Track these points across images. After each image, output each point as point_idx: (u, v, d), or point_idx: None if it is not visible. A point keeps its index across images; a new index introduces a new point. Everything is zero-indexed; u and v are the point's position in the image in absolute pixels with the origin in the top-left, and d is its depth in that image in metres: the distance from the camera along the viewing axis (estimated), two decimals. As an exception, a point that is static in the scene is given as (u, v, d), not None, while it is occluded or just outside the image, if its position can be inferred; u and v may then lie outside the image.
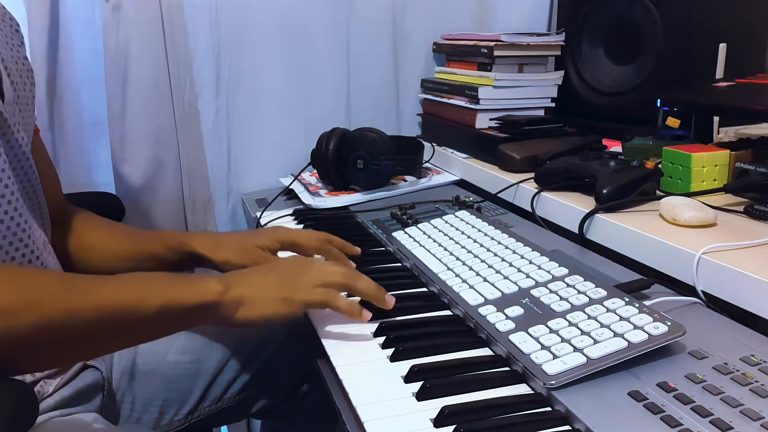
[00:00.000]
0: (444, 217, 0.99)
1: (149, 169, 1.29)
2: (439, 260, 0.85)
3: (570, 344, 0.61)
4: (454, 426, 0.54)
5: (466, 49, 1.40)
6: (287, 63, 1.39)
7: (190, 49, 1.30)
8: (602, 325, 0.63)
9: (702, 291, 0.72)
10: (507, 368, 0.63)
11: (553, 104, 1.39)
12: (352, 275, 0.73)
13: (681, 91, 1.10)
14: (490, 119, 1.31)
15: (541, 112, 1.38)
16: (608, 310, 0.65)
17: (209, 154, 1.36)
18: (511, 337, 0.64)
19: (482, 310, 0.70)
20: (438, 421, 0.55)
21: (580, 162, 0.99)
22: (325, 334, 0.72)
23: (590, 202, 0.92)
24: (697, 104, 1.06)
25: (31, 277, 0.61)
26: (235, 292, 0.67)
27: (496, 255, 0.83)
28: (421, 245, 0.91)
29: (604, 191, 0.90)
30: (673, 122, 1.10)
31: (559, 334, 0.63)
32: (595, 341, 0.61)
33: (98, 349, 0.69)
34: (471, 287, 0.76)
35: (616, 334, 0.61)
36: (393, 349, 0.66)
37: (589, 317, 0.65)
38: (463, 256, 0.85)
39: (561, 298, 0.69)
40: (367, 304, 0.73)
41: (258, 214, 1.19)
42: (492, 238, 0.88)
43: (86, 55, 1.25)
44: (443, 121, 1.44)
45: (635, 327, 0.61)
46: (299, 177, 1.33)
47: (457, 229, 0.94)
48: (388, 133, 1.23)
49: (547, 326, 0.65)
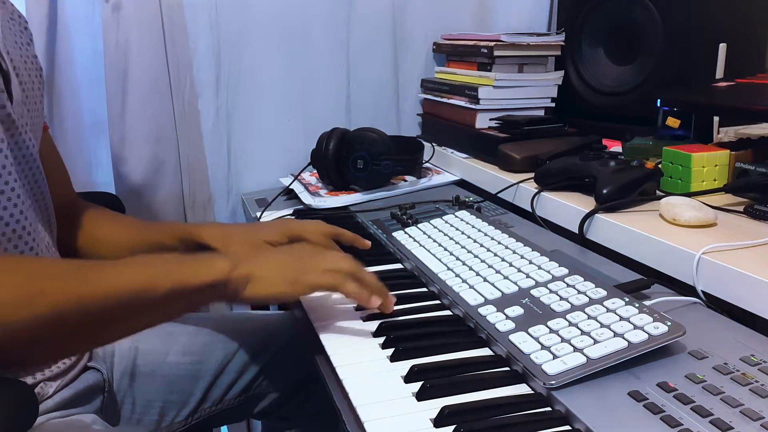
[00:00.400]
0: (444, 217, 0.99)
1: (149, 168, 1.29)
2: (439, 260, 0.85)
3: (570, 344, 0.61)
4: (454, 426, 0.53)
5: (466, 49, 1.40)
6: (287, 63, 1.39)
7: (190, 49, 1.30)
8: (602, 325, 0.63)
9: (702, 291, 0.72)
10: (507, 368, 0.63)
11: (553, 104, 1.39)
12: (357, 268, 0.73)
13: (681, 91, 1.10)
14: (490, 119, 1.31)
15: (541, 112, 1.38)
16: (608, 310, 0.65)
17: (209, 154, 1.36)
18: (511, 337, 0.64)
19: (482, 310, 0.70)
20: (438, 421, 0.55)
21: (580, 162, 0.99)
22: (325, 334, 0.72)
23: (590, 202, 0.92)
24: (697, 104, 1.06)
25: (41, 266, 0.61)
26: (243, 270, 0.67)
27: (496, 255, 0.83)
28: (421, 245, 0.91)
29: (604, 191, 0.90)
30: (673, 122, 1.10)
31: (559, 334, 0.63)
32: (595, 341, 0.61)
33: (109, 335, 0.69)
34: (471, 287, 0.76)
35: (616, 334, 0.61)
36: (393, 349, 0.66)
37: (589, 317, 0.65)
38: (463, 256, 0.85)
39: (561, 298, 0.69)
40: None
41: (258, 214, 1.19)
42: (492, 238, 0.88)
43: (86, 55, 1.25)
44: (443, 121, 1.44)
45: (635, 327, 0.61)
46: (299, 177, 1.33)
47: (457, 229, 0.94)
48: (388, 133, 1.23)
49: (547, 326, 0.64)
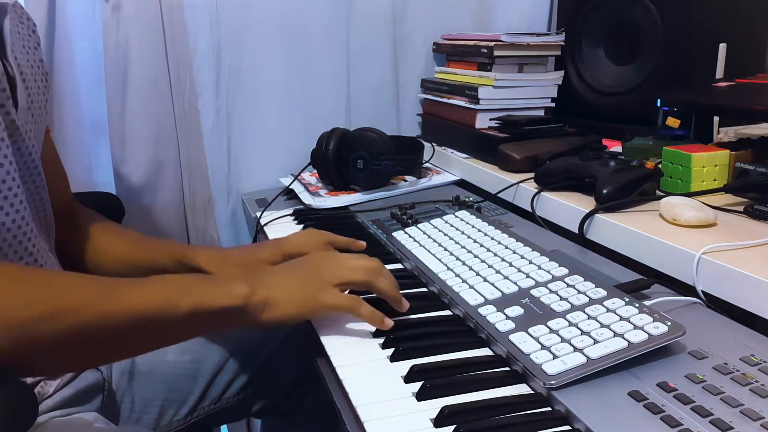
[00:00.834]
0: (444, 217, 0.99)
1: (149, 169, 1.29)
2: (439, 260, 0.85)
3: (570, 344, 0.61)
4: (454, 426, 0.54)
5: (466, 49, 1.40)
6: (287, 63, 1.39)
7: (190, 49, 1.30)
8: (602, 325, 0.63)
9: (702, 291, 0.72)
10: (507, 368, 0.63)
11: (553, 104, 1.39)
12: (374, 273, 0.73)
13: (681, 91, 1.10)
14: (490, 119, 1.31)
15: (541, 112, 1.38)
16: (608, 310, 0.65)
17: (209, 154, 1.36)
18: (511, 337, 0.64)
19: (482, 310, 0.70)
20: (438, 421, 0.55)
21: (580, 162, 0.99)
22: (325, 334, 0.72)
23: (590, 202, 0.92)
24: (697, 104, 1.06)
25: (67, 282, 0.61)
26: (261, 295, 0.67)
27: (496, 255, 0.83)
28: (421, 245, 0.91)
29: (604, 191, 0.90)
30: (673, 122, 1.10)
31: (559, 334, 0.63)
32: (595, 341, 0.61)
33: (127, 352, 0.69)
34: (471, 287, 0.76)
35: (616, 334, 0.61)
36: (393, 349, 0.66)
37: (589, 317, 0.65)
38: (463, 256, 0.85)
39: (561, 298, 0.69)
40: (381, 302, 0.73)
41: (258, 214, 1.19)
42: (492, 238, 0.88)
43: (86, 55, 1.25)
44: (443, 121, 1.44)
45: (635, 327, 0.61)
46: (299, 177, 1.33)
47: (457, 229, 0.94)
48: (388, 133, 1.23)
49: (547, 326, 0.65)
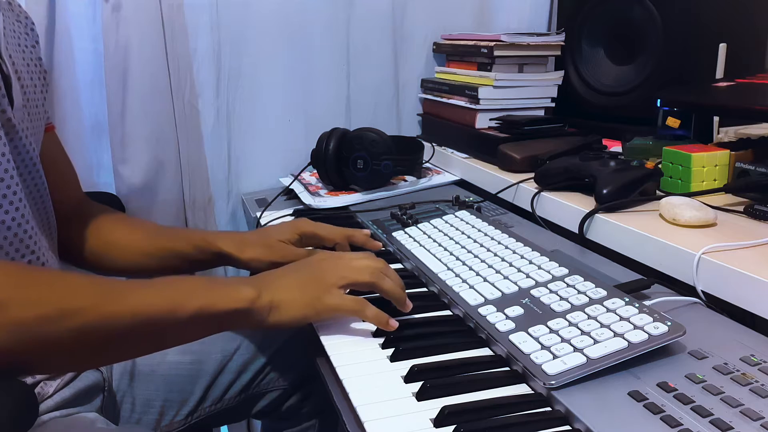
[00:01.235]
0: (444, 217, 0.99)
1: (149, 169, 1.29)
2: (439, 260, 0.85)
3: (570, 344, 0.61)
4: (454, 426, 0.54)
5: (466, 49, 1.40)
6: (287, 63, 1.39)
7: (190, 50, 1.30)
8: (602, 325, 0.63)
9: (702, 291, 0.72)
10: (507, 368, 0.63)
11: (553, 104, 1.39)
12: (379, 273, 0.73)
13: (681, 91, 1.10)
14: (490, 119, 1.31)
15: (541, 112, 1.38)
16: (608, 310, 0.65)
17: (209, 154, 1.36)
18: (511, 337, 0.64)
19: (482, 310, 0.70)
20: (438, 421, 0.55)
21: (580, 162, 0.99)
22: (325, 334, 0.72)
23: (590, 202, 0.92)
24: (697, 104, 1.06)
25: (72, 282, 0.61)
26: (267, 298, 0.68)
27: (496, 255, 0.83)
28: (421, 245, 0.91)
29: (604, 191, 0.90)
30: (673, 122, 1.10)
31: (559, 334, 0.63)
32: (595, 341, 0.61)
33: (131, 353, 0.69)
34: (471, 287, 0.76)
35: (616, 334, 0.61)
36: (393, 349, 0.66)
37: (589, 317, 0.65)
38: (463, 256, 0.85)
39: (561, 298, 0.69)
40: (383, 301, 0.73)
41: (258, 214, 1.19)
42: (492, 238, 0.88)
43: (86, 56, 1.25)
44: (443, 121, 1.44)
45: (635, 327, 0.61)
46: (299, 177, 1.33)
47: (457, 229, 0.94)
48: (388, 133, 1.23)
49: (547, 326, 0.65)
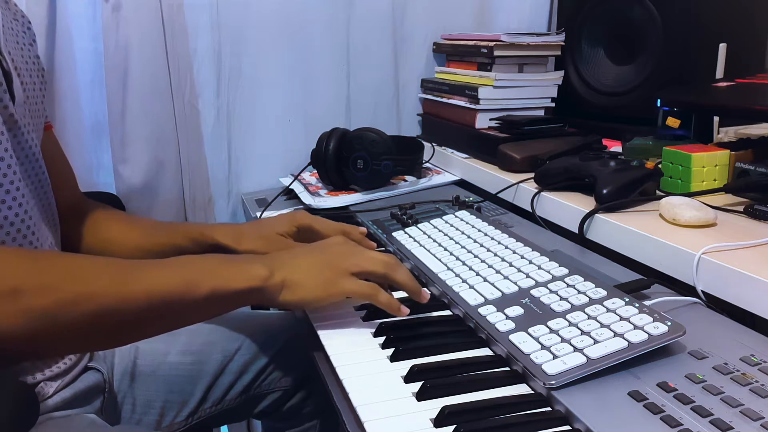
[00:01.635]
0: (444, 217, 0.99)
1: (149, 169, 1.29)
2: (439, 260, 0.85)
3: (570, 344, 0.61)
4: (454, 426, 0.53)
5: (466, 49, 1.40)
6: (287, 63, 1.39)
7: (190, 50, 1.30)
8: (602, 325, 0.63)
9: (702, 291, 0.72)
10: (507, 368, 0.63)
11: (553, 104, 1.39)
12: (393, 265, 0.73)
13: (681, 91, 1.10)
14: (490, 119, 1.31)
15: (541, 112, 1.38)
16: (608, 310, 0.65)
17: (209, 154, 1.36)
18: (511, 337, 0.64)
19: (482, 310, 0.70)
20: (438, 421, 0.55)
21: (580, 162, 0.99)
22: (325, 334, 0.72)
23: (590, 202, 0.92)
24: (697, 104, 1.06)
25: (86, 265, 0.61)
26: (279, 277, 0.68)
27: (496, 255, 0.83)
28: (421, 245, 0.91)
29: (604, 191, 0.90)
30: (673, 122, 1.10)
31: (559, 334, 0.63)
32: (595, 341, 0.61)
33: (144, 334, 0.69)
34: (471, 287, 0.76)
35: (616, 334, 0.61)
36: (393, 349, 0.66)
37: (589, 317, 0.65)
38: (463, 256, 0.85)
39: (561, 298, 0.69)
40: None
41: (258, 214, 1.19)
42: (492, 238, 0.88)
43: (86, 56, 1.25)
44: (443, 121, 1.44)
45: (635, 327, 0.61)
46: (299, 177, 1.33)
47: (457, 229, 0.94)
48: (388, 133, 1.23)
49: (547, 326, 0.65)
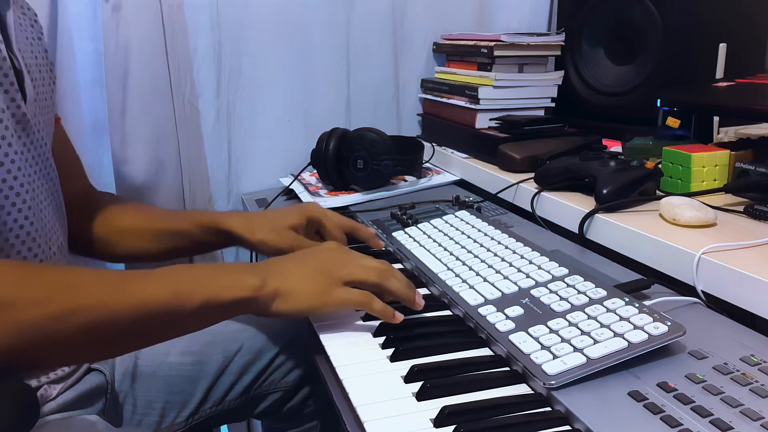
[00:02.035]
0: (444, 217, 0.99)
1: (149, 169, 1.29)
2: (439, 260, 0.85)
3: (570, 344, 0.61)
4: (454, 426, 0.54)
5: (466, 49, 1.40)
6: (287, 63, 1.39)
7: (191, 50, 1.30)
8: (602, 325, 0.63)
9: (702, 291, 0.72)
10: (507, 368, 0.63)
11: (553, 104, 1.39)
12: (386, 274, 0.73)
13: (681, 91, 1.10)
14: (490, 119, 1.31)
15: (541, 112, 1.38)
16: (608, 310, 0.65)
17: (209, 154, 1.36)
18: (511, 337, 0.64)
19: (482, 310, 0.70)
20: (438, 421, 0.55)
21: (580, 162, 0.99)
22: (325, 334, 0.72)
23: (590, 202, 0.92)
24: (697, 104, 1.06)
25: (78, 278, 0.61)
26: (272, 286, 0.68)
27: (496, 255, 0.83)
28: (421, 245, 0.91)
29: (604, 191, 0.90)
30: (673, 122, 1.10)
31: (559, 334, 0.63)
32: (595, 341, 0.61)
33: (136, 345, 0.70)
34: (471, 287, 0.76)
35: (616, 334, 0.61)
36: (393, 349, 0.66)
37: (589, 317, 0.65)
38: (463, 256, 0.85)
39: (561, 298, 0.69)
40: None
41: (258, 214, 1.19)
42: (492, 238, 0.88)
43: (87, 56, 1.24)
44: (443, 121, 1.44)
45: (635, 327, 0.61)
46: (299, 177, 1.33)
47: (457, 229, 0.94)
48: (388, 133, 1.23)
49: (547, 326, 0.65)
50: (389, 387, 0.61)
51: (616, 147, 1.18)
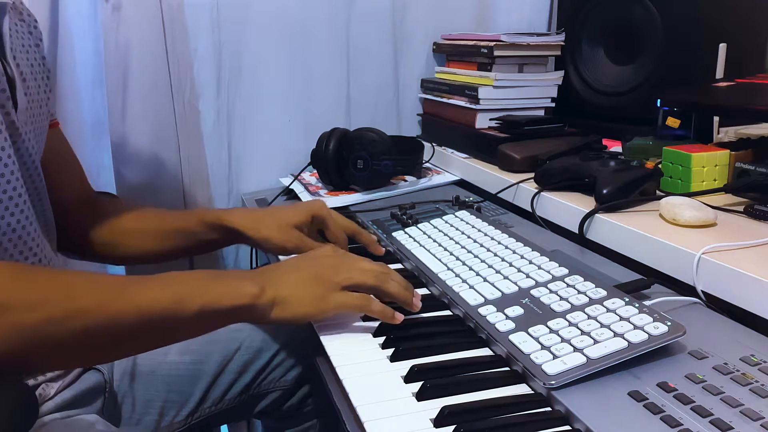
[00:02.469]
0: (444, 217, 0.99)
1: (149, 169, 1.29)
2: (439, 260, 0.85)
3: (570, 344, 0.61)
4: (454, 426, 0.54)
5: (466, 49, 1.40)
6: (287, 63, 1.39)
7: (191, 50, 1.30)
8: (602, 325, 0.63)
9: (702, 291, 0.72)
10: (507, 368, 0.63)
11: (553, 104, 1.39)
12: (384, 277, 0.73)
13: (681, 91, 1.10)
14: (490, 119, 1.31)
15: (541, 112, 1.38)
16: (608, 310, 0.65)
17: (209, 155, 1.36)
18: (511, 337, 0.64)
19: (482, 310, 0.70)
20: (438, 421, 0.55)
21: (580, 162, 0.99)
22: (325, 334, 0.72)
23: (590, 202, 0.92)
24: (697, 104, 1.06)
25: (76, 282, 0.61)
26: (270, 294, 0.68)
27: (496, 255, 0.83)
28: (421, 245, 0.91)
29: (604, 191, 0.90)
30: (673, 122, 1.10)
31: (559, 334, 0.63)
32: (595, 341, 0.61)
33: (134, 350, 0.70)
34: (471, 287, 0.76)
35: (616, 334, 0.61)
36: (393, 349, 0.66)
37: (589, 317, 0.65)
38: (463, 256, 0.85)
39: (561, 298, 0.69)
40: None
41: (258, 214, 1.19)
42: (492, 238, 0.88)
43: (87, 56, 1.24)
44: (443, 121, 1.44)
45: (635, 327, 0.61)
46: (299, 177, 1.33)
47: (457, 229, 0.94)
48: (388, 133, 1.23)
49: (547, 326, 0.65)
50: (389, 387, 0.61)
51: (616, 147, 1.18)
